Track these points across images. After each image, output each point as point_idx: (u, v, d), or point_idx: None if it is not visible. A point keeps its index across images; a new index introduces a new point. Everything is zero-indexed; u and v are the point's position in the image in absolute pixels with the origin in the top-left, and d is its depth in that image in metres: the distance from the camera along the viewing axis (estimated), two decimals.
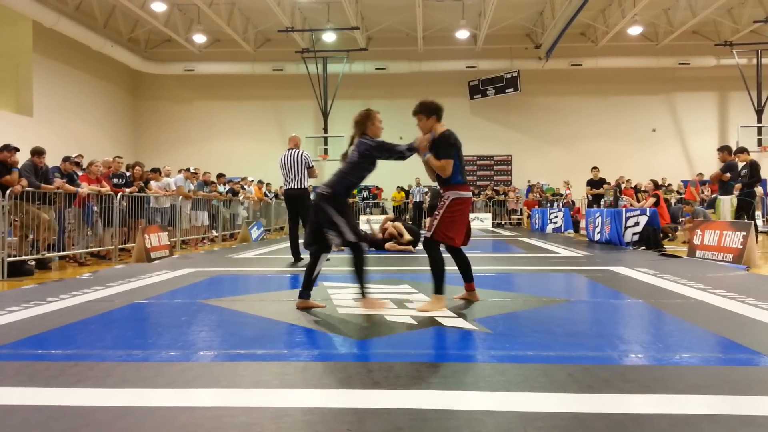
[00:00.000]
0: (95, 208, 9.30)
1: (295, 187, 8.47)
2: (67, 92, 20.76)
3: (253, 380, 2.66)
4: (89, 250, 9.28)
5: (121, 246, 9.71)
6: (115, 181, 10.21)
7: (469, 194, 4.57)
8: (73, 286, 5.94)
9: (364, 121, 4.73)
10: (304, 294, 4.57)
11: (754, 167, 10.51)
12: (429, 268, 4.44)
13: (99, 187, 9.37)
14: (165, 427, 2.11)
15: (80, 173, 9.66)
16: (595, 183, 15.45)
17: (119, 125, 24.47)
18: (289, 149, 8.66)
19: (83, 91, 21.78)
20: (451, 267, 4.53)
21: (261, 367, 2.87)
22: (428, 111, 4.65)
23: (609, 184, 15.51)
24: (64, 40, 19.38)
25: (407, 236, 10.15)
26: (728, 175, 10.04)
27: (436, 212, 4.47)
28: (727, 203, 9.95)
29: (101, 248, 9.59)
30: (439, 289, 4.38)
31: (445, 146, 4.46)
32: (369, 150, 4.62)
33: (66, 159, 9.46)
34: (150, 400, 2.40)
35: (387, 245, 10.17)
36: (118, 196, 9.55)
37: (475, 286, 4.76)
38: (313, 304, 4.56)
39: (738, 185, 10.46)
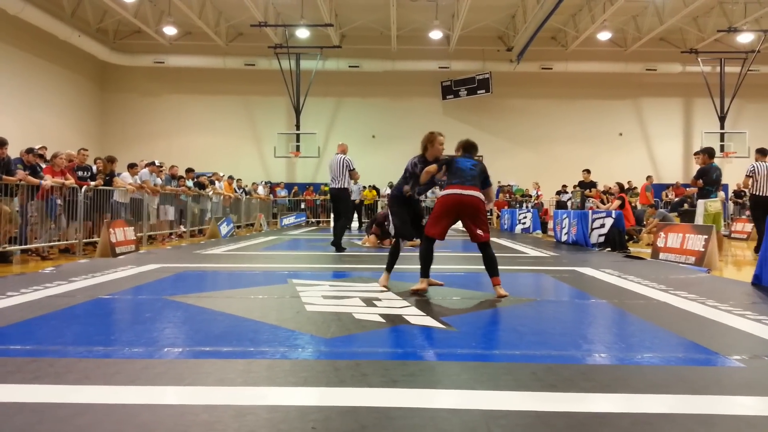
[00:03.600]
0: (59, 201, 9.09)
1: (337, 186, 9.74)
2: (31, 82, 20.21)
3: (217, 378, 2.63)
4: (52, 243, 9.07)
5: (86, 240, 9.50)
6: (79, 173, 9.99)
7: (447, 192, 5.06)
8: (35, 281, 5.79)
9: (425, 143, 5.54)
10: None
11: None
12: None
13: (63, 179, 9.16)
14: (125, 424, 2.07)
15: (44, 165, 9.44)
16: (586, 185, 15.64)
17: (85, 117, 23.94)
18: (336, 154, 9.90)
19: (48, 82, 21.24)
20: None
21: (226, 365, 2.84)
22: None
23: (596, 186, 15.76)
24: (29, 28, 18.87)
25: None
26: (700, 182, 10.01)
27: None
28: (701, 206, 9.94)
29: (65, 242, 9.38)
30: (422, 272, 5.16)
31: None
32: (407, 168, 5.58)
33: (29, 151, 9.23)
34: (110, 397, 2.35)
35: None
36: (83, 189, 9.35)
37: (499, 281, 5.05)
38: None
39: (693, 189, 10.62)
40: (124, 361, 2.90)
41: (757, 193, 9.95)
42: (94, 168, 10.69)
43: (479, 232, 4.99)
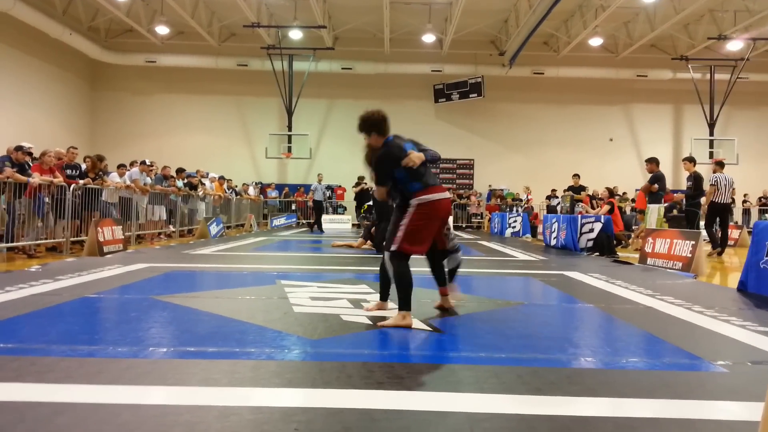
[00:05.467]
0: (47, 199, 9.02)
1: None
2: (21, 80, 20.04)
3: (202, 378, 2.61)
4: (39, 242, 9.00)
5: (73, 239, 9.43)
6: (68, 172, 9.92)
7: (435, 196, 3.95)
8: (20, 279, 5.74)
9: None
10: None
11: (698, 179, 10.97)
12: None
13: (51, 177, 9.09)
14: (106, 423, 2.06)
15: (32, 163, 9.37)
16: (576, 190, 15.71)
17: (76, 115, 23.77)
18: None
19: (39, 80, 21.07)
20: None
21: (211, 365, 2.83)
22: (371, 126, 4.05)
23: (585, 190, 15.85)
24: (20, 25, 18.72)
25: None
26: (656, 186, 10.57)
27: (401, 222, 3.92)
28: (655, 211, 10.44)
29: (52, 240, 9.31)
30: (405, 305, 3.84)
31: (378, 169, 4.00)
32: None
33: (18, 148, 9.14)
34: (92, 396, 2.33)
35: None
36: (71, 188, 9.28)
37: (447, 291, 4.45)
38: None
39: (680, 195, 11.10)
40: (107, 361, 2.88)
41: (718, 201, 10.84)
42: (83, 166, 10.61)
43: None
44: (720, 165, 11.35)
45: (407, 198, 3.96)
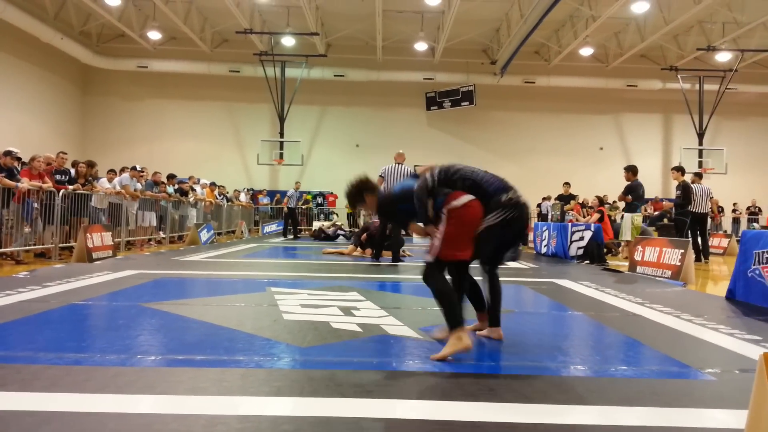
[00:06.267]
0: (35, 205, 8.95)
1: None
2: (12, 84, 19.93)
3: (190, 386, 2.59)
4: (28, 248, 8.92)
5: (62, 245, 9.36)
6: (57, 177, 9.85)
7: (462, 200, 3.60)
8: (8, 285, 5.68)
9: None
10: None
11: (686, 189, 11.07)
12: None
13: (40, 183, 9.03)
14: None
15: (21, 168, 9.30)
16: (566, 198, 15.79)
17: (66, 120, 23.64)
18: (396, 163, 9.54)
19: (29, 83, 20.95)
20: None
21: (198, 374, 2.80)
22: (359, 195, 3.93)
23: (575, 199, 15.91)
24: (11, 29, 18.62)
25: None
26: (629, 197, 10.62)
27: (437, 232, 3.56)
28: (629, 221, 10.48)
29: (41, 246, 9.23)
30: (456, 322, 3.28)
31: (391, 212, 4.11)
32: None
33: (7, 153, 9.08)
34: (78, 405, 2.31)
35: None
36: (60, 193, 9.22)
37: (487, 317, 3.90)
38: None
39: (669, 204, 11.21)
40: (94, 369, 2.85)
41: (696, 211, 11.27)
42: (73, 172, 10.55)
43: None
44: (698, 176, 11.76)
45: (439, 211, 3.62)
